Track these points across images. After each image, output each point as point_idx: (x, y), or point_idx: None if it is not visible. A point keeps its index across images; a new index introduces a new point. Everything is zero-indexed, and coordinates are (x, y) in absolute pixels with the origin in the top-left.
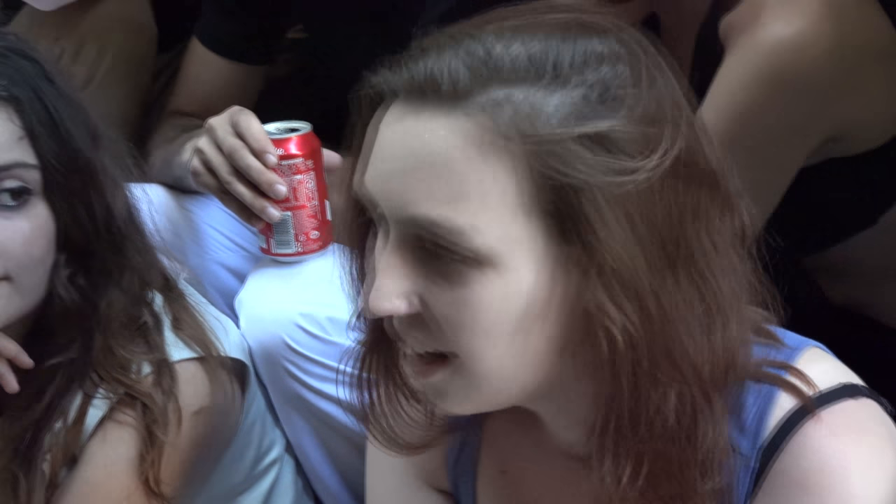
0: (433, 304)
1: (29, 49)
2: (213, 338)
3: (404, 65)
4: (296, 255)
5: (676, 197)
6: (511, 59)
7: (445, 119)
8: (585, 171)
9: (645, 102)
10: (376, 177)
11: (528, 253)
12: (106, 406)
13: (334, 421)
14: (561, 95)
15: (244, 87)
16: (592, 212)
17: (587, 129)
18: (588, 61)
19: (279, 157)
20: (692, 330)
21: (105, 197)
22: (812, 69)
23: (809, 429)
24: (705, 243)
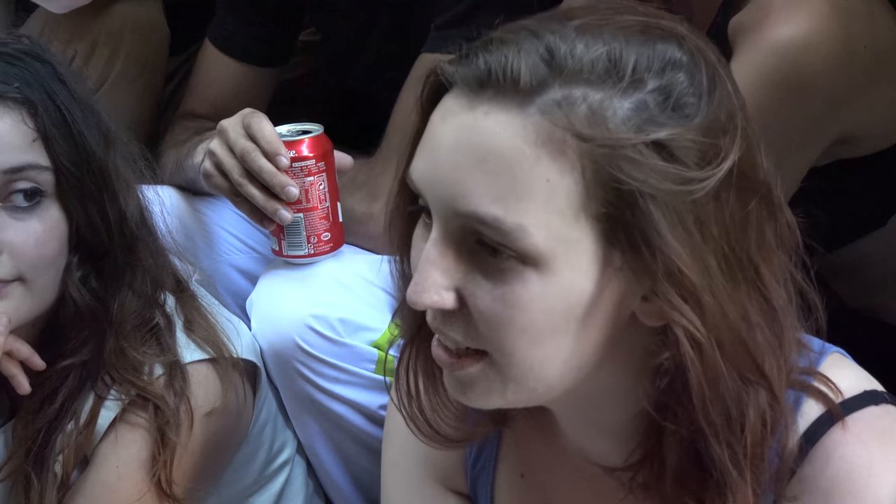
0: (474, 300)
1: (42, 51)
2: (224, 339)
3: (475, 55)
4: (307, 256)
5: (733, 206)
6: (592, 58)
7: (510, 115)
8: (653, 178)
9: (710, 112)
10: (427, 168)
11: (577, 256)
12: (118, 407)
13: (346, 422)
14: (636, 99)
15: (256, 89)
16: (656, 218)
17: (659, 135)
18: (665, 66)
19: (291, 159)
20: (763, 334)
21: (118, 199)
22: (820, 70)
23: (836, 436)
24: (762, 250)
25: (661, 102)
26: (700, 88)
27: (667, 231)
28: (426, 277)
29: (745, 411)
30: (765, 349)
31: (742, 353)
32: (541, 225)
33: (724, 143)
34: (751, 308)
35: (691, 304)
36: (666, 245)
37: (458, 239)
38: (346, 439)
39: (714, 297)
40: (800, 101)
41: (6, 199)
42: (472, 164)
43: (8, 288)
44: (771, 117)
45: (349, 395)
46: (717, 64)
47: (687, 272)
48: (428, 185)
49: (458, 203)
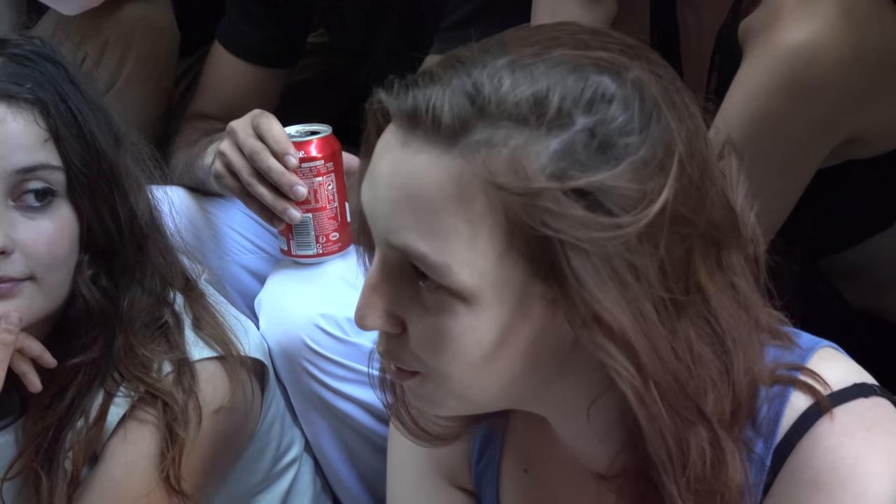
0: (412, 327)
1: (53, 52)
2: (232, 337)
3: (404, 91)
4: (316, 256)
5: (669, 245)
6: (517, 98)
7: (435, 155)
8: (571, 227)
9: (642, 152)
10: (368, 197)
11: (503, 292)
12: (127, 404)
13: (353, 421)
14: (561, 140)
15: (266, 90)
16: (574, 267)
17: (579, 183)
18: (594, 102)
19: (300, 159)
20: (708, 368)
21: (128, 198)
22: (829, 73)
23: (822, 428)
24: (711, 282)
25: (588, 143)
26: (633, 125)
27: (590, 280)
28: (367, 303)
29: (686, 450)
30: (707, 385)
31: (680, 393)
32: (465, 263)
33: (655, 185)
34: (696, 341)
35: (621, 348)
36: (588, 293)
37: (397, 267)
38: (354, 437)
39: (648, 340)
40: (809, 104)
41: (18, 199)
42: (404, 201)
43: (20, 286)
44: (780, 120)
45: (356, 393)
46: (659, 96)
47: (612, 320)
48: (368, 213)
49: (391, 236)
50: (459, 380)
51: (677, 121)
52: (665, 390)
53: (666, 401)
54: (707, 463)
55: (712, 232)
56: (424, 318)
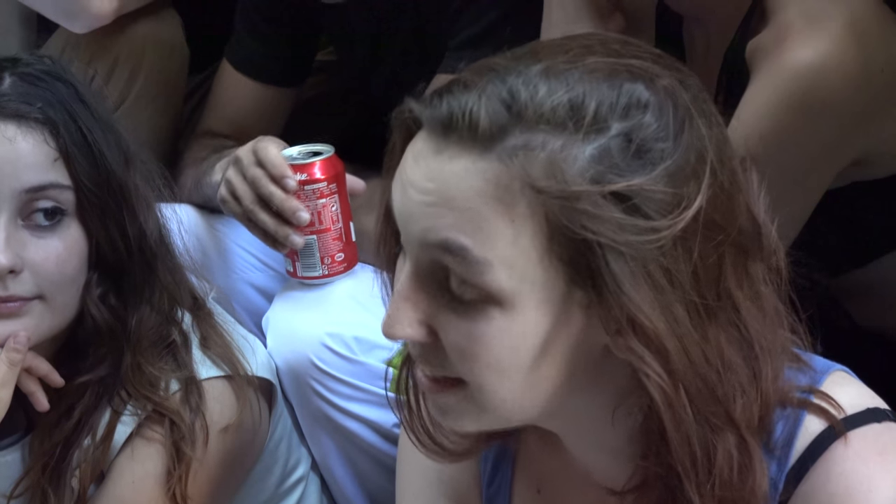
0: (445, 334)
1: (63, 72)
2: (240, 356)
3: (438, 99)
4: (322, 277)
5: (702, 250)
6: (553, 104)
7: (471, 160)
8: (610, 229)
9: (677, 156)
10: (402, 203)
11: (540, 296)
12: (134, 423)
13: (360, 440)
14: (597, 146)
15: (274, 108)
16: (613, 270)
17: (617, 187)
18: (630, 109)
19: (303, 181)
20: (738, 373)
21: (137, 217)
22: (837, 93)
23: (836, 452)
24: (740, 290)
25: (625, 148)
26: (667, 131)
27: (627, 282)
28: (397, 311)
29: (713, 455)
30: (736, 391)
31: (709, 398)
32: (505, 262)
33: (689, 190)
34: (727, 346)
35: (654, 352)
36: (626, 296)
37: (429, 274)
38: (361, 456)
39: (681, 343)
40: (818, 124)
41: (28, 218)
42: (441, 204)
43: (28, 305)
44: (789, 140)
45: (364, 412)
46: (690, 104)
47: (647, 322)
48: (402, 220)
49: (429, 235)
50: (493, 391)
51: (707, 128)
52: (694, 395)
53: (695, 405)
54: (734, 469)
55: (741, 240)
56: (459, 325)
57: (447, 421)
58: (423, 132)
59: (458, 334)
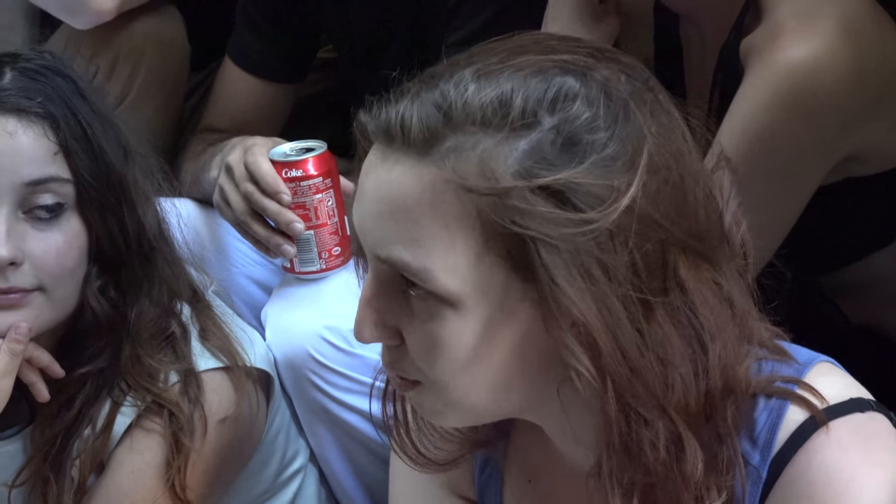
0: (409, 337)
1: (63, 67)
2: (238, 348)
3: (379, 109)
4: (319, 272)
5: (640, 245)
6: (482, 103)
7: (410, 166)
8: (540, 224)
9: (609, 148)
10: (357, 214)
11: (487, 294)
12: (134, 414)
13: (358, 432)
14: (528, 140)
15: (274, 104)
16: (545, 262)
17: (546, 181)
18: (558, 101)
19: (297, 178)
20: (674, 366)
21: (136, 210)
22: (830, 91)
23: (818, 441)
24: (689, 278)
25: (554, 141)
26: (598, 122)
27: (560, 275)
28: (362, 316)
29: (639, 443)
30: (674, 382)
31: (641, 390)
32: (446, 268)
33: (622, 181)
34: (671, 338)
35: (584, 346)
36: (559, 289)
37: (388, 279)
38: (358, 448)
39: (613, 337)
40: (811, 122)
41: (28, 211)
42: (387, 214)
43: (29, 297)
44: (781, 137)
45: (361, 404)
46: (629, 96)
47: (580, 316)
48: (358, 230)
49: (378, 249)
50: (454, 387)
51: (649, 119)
52: (622, 387)
53: (622, 397)
54: (661, 457)
55: (692, 242)
56: (417, 327)
57: (427, 416)
58: (374, 143)
59: (417, 335)
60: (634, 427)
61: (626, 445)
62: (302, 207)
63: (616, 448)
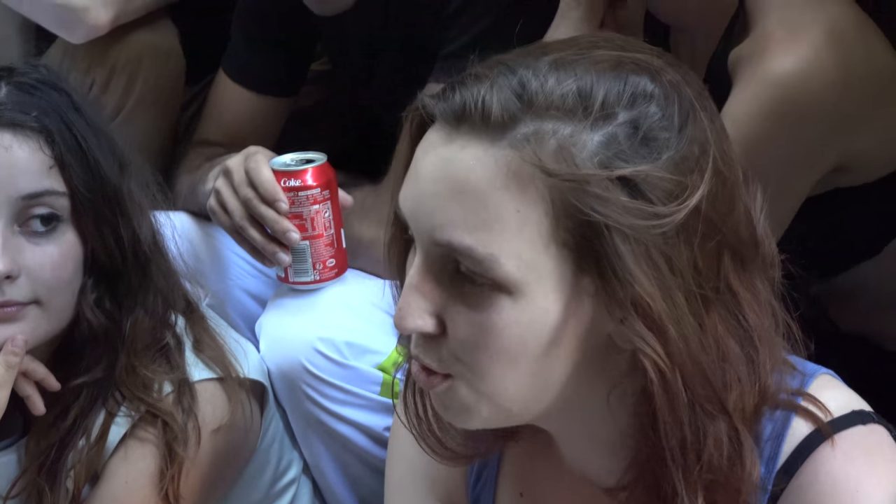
0: (454, 325)
1: (59, 80)
2: (232, 359)
3: (451, 91)
4: (313, 283)
5: (701, 244)
6: (562, 92)
7: (483, 148)
8: (616, 212)
9: (681, 147)
10: (410, 198)
11: (548, 283)
12: (128, 424)
13: (352, 444)
14: (605, 133)
15: (269, 117)
16: (619, 251)
17: (625, 172)
18: (636, 99)
19: (296, 188)
20: (731, 364)
21: (132, 223)
22: (818, 101)
23: (823, 454)
24: (737, 282)
25: (631, 135)
26: (672, 122)
27: (632, 263)
28: (409, 303)
29: (703, 440)
30: (732, 380)
31: (705, 384)
32: (511, 254)
33: (692, 180)
34: (725, 336)
35: (656, 334)
36: (631, 276)
37: (439, 266)
38: (353, 460)
39: (679, 329)
40: (799, 131)
41: (24, 224)
42: (449, 196)
43: (25, 310)
44: (771, 147)
45: (355, 416)
46: (694, 99)
47: (651, 304)
48: (411, 215)
49: (436, 233)
50: (498, 380)
51: (710, 123)
52: (689, 379)
53: (689, 390)
54: (724, 456)
55: (737, 245)
56: (468, 316)
57: (449, 415)
58: (435, 126)
59: (468, 324)
60: (700, 423)
61: (688, 443)
62: (299, 217)
63: (675, 447)
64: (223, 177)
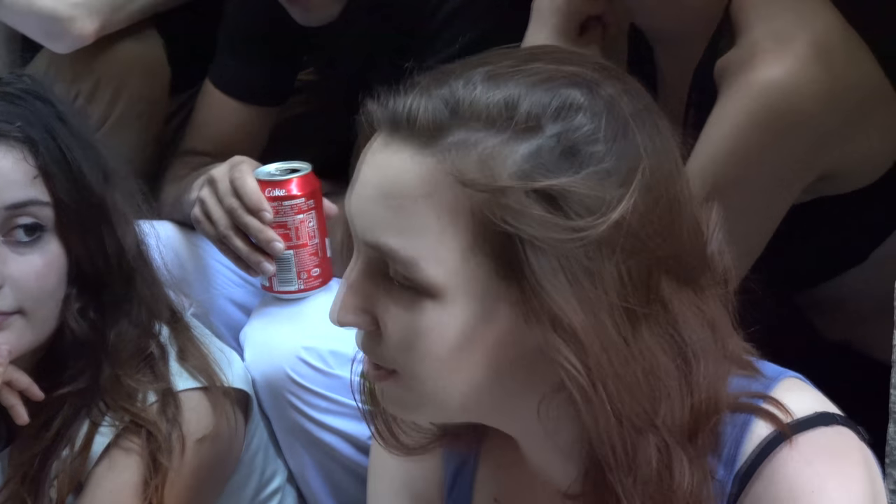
0: (384, 323)
1: (43, 90)
2: (216, 369)
3: (389, 99)
4: (298, 292)
5: (626, 260)
6: (488, 102)
7: (411, 155)
8: (532, 226)
9: (606, 162)
10: (352, 201)
11: (470, 289)
12: (112, 433)
13: (337, 453)
14: (529, 145)
15: (255, 127)
16: (532, 264)
17: (542, 185)
18: (563, 111)
19: (280, 197)
20: (659, 379)
21: (116, 233)
22: (803, 111)
23: (783, 456)
24: (672, 297)
25: (554, 148)
26: (599, 135)
27: (547, 276)
28: (343, 299)
29: (632, 452)
30: (661, 395)
31: (630, 399)
32: (433, 259)
33: (614, 195)
34: (656, 351)
35: (573, 348)
36: (544, 291)
37: (374, 267)
38: (337, 469)
39: (601, 344)
40: (784, 141)
41: (8, 234)
42: (379, 200)
43: (9, 320)
44: (756, 157)
45: (340, 425)
46: (631, 115)
47: (565, 317)
48: (349, 216)
49: (367, 234)
50: (428, 380)
51: (647, 140)
52: (613, 394)
53: (614, 404)
54: (653, 468)
55: (675, 265)
56: (396, 315)
57: (395, 410)
58: (378, 132)
59: (395, 323)
60: (628, 436)
61: (618, 456)
62: (283, 227)
63: (607, 456)
64: (208, 186)
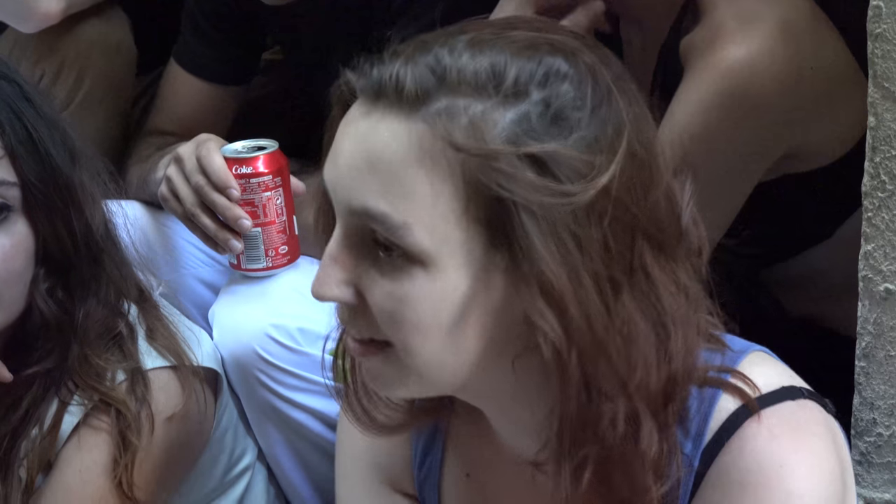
0: (371, 296)
1: (8, 71)
2: (185, 347)
3: (370, 67)
4: (266, 269)
5: (613, 222)
6: (475, 69)
7: (398, 122)
8: (523, 189)
9: (593, 128)
10: (331, 170)
11: (460, 256)
12: (81, 413)
13: (306, 430)
14: (516, 111)
15: (221, 107)
16: (524, 227)
17: (532, 149)
18: (549, 78)
19: (247, 175)
20: (637, 346)
21: (83, 213)
22: (767, 91)
23: (749, 430)
24: (653, 265)
25: (542, 114)
26: (584, 102)
27: (538, 240)
28: (326, 273)
29: (597, 420)
30: (637, 362)
31: (604, 365)
32: (425, 225)
33: (603, 160)
34: (636, 318)
35: (555, 312)
36: (536, 252)
37: (357, 237)
38: (307, 447)
39: (582, 309)
40: (749, 120)
41: None
42: (366, 168)
43: None
44: (720, 135)
45: (309, 402)
46: (611, 81)
47: (553, 279)
48: (331, 186)
49: (353, 201)
50: (417, 352)
51: (628, 107)
52: (588, 359)
53: (585, 369)
54: (617, 434)
55: (653, 229)
56: (383, 286)
57: (377, 386)
58: (356, 102)
59: (383, 294)
60: (595, 400)
61: (584, 418)
62: (250, 204)
63: (573, 421)
64: (174, 164)
